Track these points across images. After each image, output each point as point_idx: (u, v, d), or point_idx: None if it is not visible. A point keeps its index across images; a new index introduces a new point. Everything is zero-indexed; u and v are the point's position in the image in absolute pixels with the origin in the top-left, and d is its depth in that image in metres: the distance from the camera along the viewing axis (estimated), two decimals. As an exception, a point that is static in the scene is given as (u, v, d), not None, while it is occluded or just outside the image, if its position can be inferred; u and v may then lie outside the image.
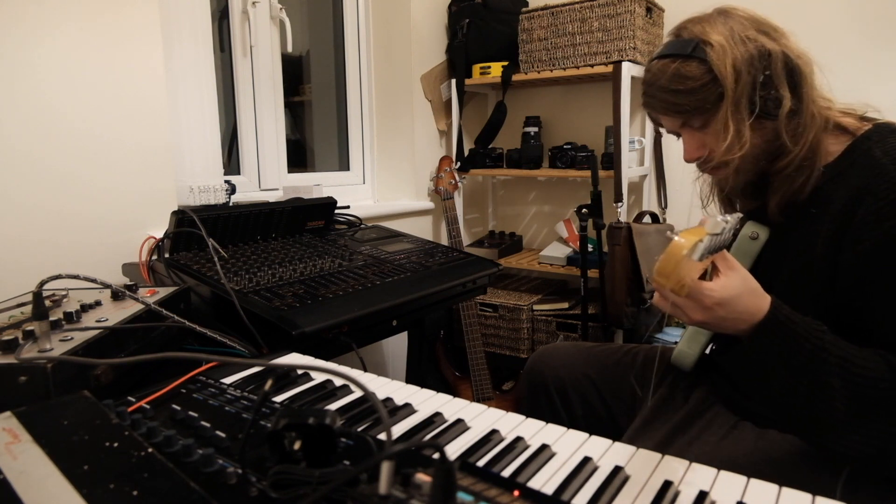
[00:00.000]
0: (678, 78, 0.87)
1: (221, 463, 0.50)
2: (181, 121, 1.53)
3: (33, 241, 1.21)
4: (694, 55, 0.86)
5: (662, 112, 0.92)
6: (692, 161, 0.95)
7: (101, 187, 1.31)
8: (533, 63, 2.23)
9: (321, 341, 1.02)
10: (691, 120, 0.90)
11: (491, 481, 0.43)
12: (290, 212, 1.44)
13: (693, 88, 0.86)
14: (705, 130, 0.91)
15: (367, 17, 2.30)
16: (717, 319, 0.73)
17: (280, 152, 2.02)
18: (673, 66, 0.87)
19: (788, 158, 0.87)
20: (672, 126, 0.95)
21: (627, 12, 2.00)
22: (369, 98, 2.36)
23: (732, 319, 0.73)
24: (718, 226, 0.67)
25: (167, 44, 1.46)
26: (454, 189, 2.25)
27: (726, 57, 0.84)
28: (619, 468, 0.58)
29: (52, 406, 0.56)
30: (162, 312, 0.88)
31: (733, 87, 0.84)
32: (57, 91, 1.23)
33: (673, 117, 0.92)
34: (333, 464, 0.47)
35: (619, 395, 1.13)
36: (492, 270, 1.43)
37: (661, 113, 0.93)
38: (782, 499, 0.54)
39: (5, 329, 0.75)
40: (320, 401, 0.74)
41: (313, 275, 1.19)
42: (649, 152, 2.31)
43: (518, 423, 0.69)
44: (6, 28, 1.15)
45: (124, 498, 0.42)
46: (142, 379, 0.79)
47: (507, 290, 2.46)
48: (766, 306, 0.74)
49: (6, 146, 1.16)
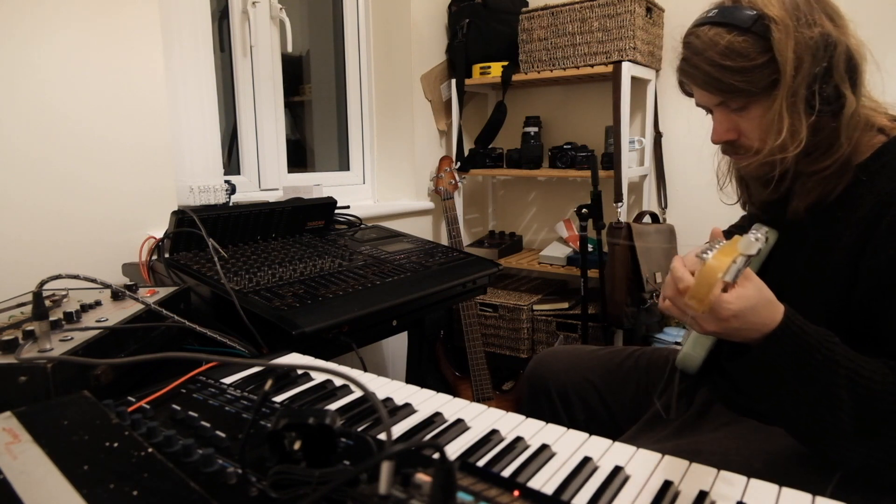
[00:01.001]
0: (730, 53, 0.78)
1: (221, 463, 0.50)
2: (181, 121, 1.53)
3: (33, 241, 1.21)
4: (753, 30, 0.77)
5: (702, 86, 0.83)
6: (720, 143, 0.89)
7: (101, 187, 1.31)
8: (533, 63, 2.23)
9: (321, 341, 1.02)
10: (731, 100, 0.82)
11: (491, 481, 0.43)
12: (290, 212, 1.44)
13: (744, 68, 0.78)
14: (742, 114, 0.83)
15: (367, 17, 2.30)
16: (730, 330, 0.70)
17: (280, 152, 2.02)
18: (727, 37, 0.78)
19: (832, 159, 0.80)
20: (706, 101, 0.87)
21: (627, 12, 1.99)
22: (369, 98, 2.36)
23: (746, 330, 0.71)
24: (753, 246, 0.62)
25: (167, 44, 1.46)
26: (454, 189, 2.25)
27: (789, 39, 0.75)
28: (619, 468, 0.58)
29: (52, 406, 0.56)
30: (162, 312, 0.88)
31: (792, 76, 0.76)
32: (57, 91, 1.23)
33: (712, 94, 0.83)
34: (333, 464, 0.47)
35: (621, 399, 1.11)
36: (492, 270, 1.43)
37: (699, 86, 0.84)
38: (782, 499, 0.54)
39: (5, 329, 0.75)
40: (320, 401, 0.74)
41: (313, 275, 1.19)
42: (649, 152, 2.31)
43: (518, 423, 0.69)
44: (6, 28, 1.15)
45: (124, 498, 0.42)
46: (142, 379, 0.79)
47: (507, 290, 2.46)
48: (780, 316, 0.71)
49: (6, 146, 1.16)
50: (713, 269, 0.59)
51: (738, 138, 0.86)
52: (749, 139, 0.85)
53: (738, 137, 0.86)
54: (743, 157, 0.87)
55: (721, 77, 0.80)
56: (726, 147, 0.89)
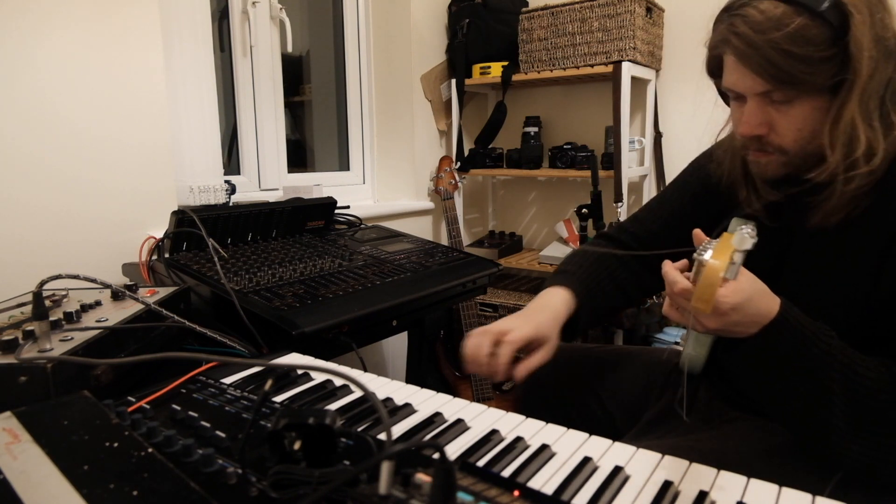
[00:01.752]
0: (799, 39, 0.68)
1: (221, 463, 0.50)
2: (181, 121, 1.53)
3: (33, 241, 1.21)
4: (827, 17, 0.68)
5: (755, 69, 0.72)
6: (749, 137, 0.79)
7: (101, 187, 1.31)
8: (533, 63, 2.23)
9: (321, 341, 1.02)
10: (779, 91, 0.73)
11: (491, 481, 0.43)
12: (290, 212, 1.44)
13: (811, 58, 0.68)
14: (782, 108, 0.75)
15: (367, 17, 2.30)
16: (730, 325, 0.69)
17: (280, 152, 2.02)
18: (798, 20, 0.68)
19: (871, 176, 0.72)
20: (746, 87, 0.76)
21: (627, 12, 1.99)
22: (369, 98, 2.36)
23: (745, 323, 0.70)
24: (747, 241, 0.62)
25: (167, 44, 1.46)
26: (454, 189, 2.25)
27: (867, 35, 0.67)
28: (619, 468, 0.58)
29: (52, 406, 0.56)
30: (162, 312, 0.88)
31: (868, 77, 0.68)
32: (57, 91, 1.23)
33: (763, 80, 0.72)
34: (333, 464, 0.47)
35: (618, 399, 1.09)
36: (492, 270, 1.43)
37: (751, 69, 0.73)
38: (782, 499, 0.54)
39: (5, 329, 0.75)
40: (320, 401, 0.74)
41: (313, 275, 1.19)
42: (649, 152, 2.31)
43: (518, 423, 0.69)
44: (6, 28, 1.15)
45: (124, 498, 0.42)
46: (142, 379, 0.79)
47: (507, 290, 2.46)
48: (777, 307, 0.71)
49: (6, 146, 1.16)
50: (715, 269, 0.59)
51: (767, 134, 0.78)
52: (781, 137, 0.77)
53: (767, 133, 0.78)
54: (768, 155, 0.80)
55: (782, 64, 0.70)
56: (751, 142, 0.80)
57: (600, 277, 1.06)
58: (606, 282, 1.06)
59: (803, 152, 0.77)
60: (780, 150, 0.78)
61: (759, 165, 0.83)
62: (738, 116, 0.81)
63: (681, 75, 2.25)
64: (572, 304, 0.99)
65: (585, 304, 1.01)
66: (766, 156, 0.81)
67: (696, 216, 0.99)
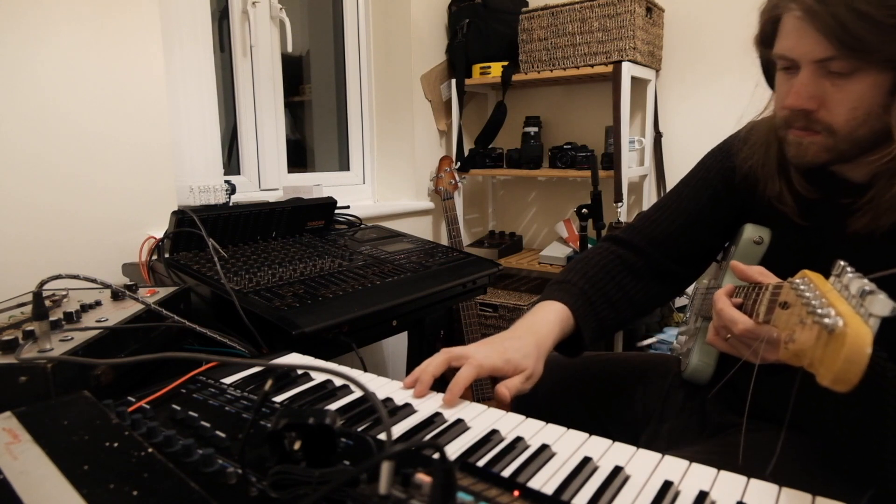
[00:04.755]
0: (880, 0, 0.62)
1: (221, 463, 0.50)
2: (181, 121, 1.53)
3: (33, 241, 1.21)
4: None
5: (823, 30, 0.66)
6: (793, 109, 0.72)
7: (101, 187, 1.31)
8: (533, 63, 2.23)
9: (321, 341, 1.02)
10: (844, 59, 0.66)
11: (491, 481, 0.43)
12: (290, 212, 1.44)
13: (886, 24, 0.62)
14: (840, 82, 0.68)
15: (367, 17, 2.30)
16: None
17: (280, 152, 2.02)
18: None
19: None
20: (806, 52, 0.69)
21: (627, 12, 2.00)
22: (369, 98, 2.36)
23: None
24: (888, 306, 0.48)
25: (167, 44, 1.46)
26: (454, 189, 2.25)
27: None
28: (620, 468, 0.58)
29: (52, 406, 0.56)
30: (162, 312, 0.88)
31: None
32: (57, 91, 1.23)
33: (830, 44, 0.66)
34: (333, 464, 0.47)
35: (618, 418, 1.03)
36: (492, 270, 1.43)
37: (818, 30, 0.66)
38: (782, 499, 0.54)
39: (5, 329, 0.75)
40: (320, 401, 0.74)
41: (313, 275, 1.19)
42: (649, 152, 2.31)
43: (518, 423, 0.69)
44: (6, 28, 1.15)
45: (124, 498, 0.42)
46: (142, 379, 0.79)
47: (507, 290, 2.46)
48: None
49: (6, 146, 1.16)
50: (862, 346, 0.45)
51: (817, 110, 0.71)
52: (831, 114, 0.70)
53: (817, 109, 0.71)
54: (812, 134, 0.73)
55: (854, 26, 0.63)
56: (797, 117, 0.73)
57: (606, 288, 0.98)
58: (613, 291, 0.98)
59: (852, 136, 0.70)
60: (828, 130, 0.71)
61: (801, 147, 0.75)
62: (786, 89, 0.74)
63: (681, 75, 2.25)
64: (569, 320, 0.92)
65: (588, 317, 0.94)
66: (810, 135, 0.73)
67: (715, 216, 0.95)
